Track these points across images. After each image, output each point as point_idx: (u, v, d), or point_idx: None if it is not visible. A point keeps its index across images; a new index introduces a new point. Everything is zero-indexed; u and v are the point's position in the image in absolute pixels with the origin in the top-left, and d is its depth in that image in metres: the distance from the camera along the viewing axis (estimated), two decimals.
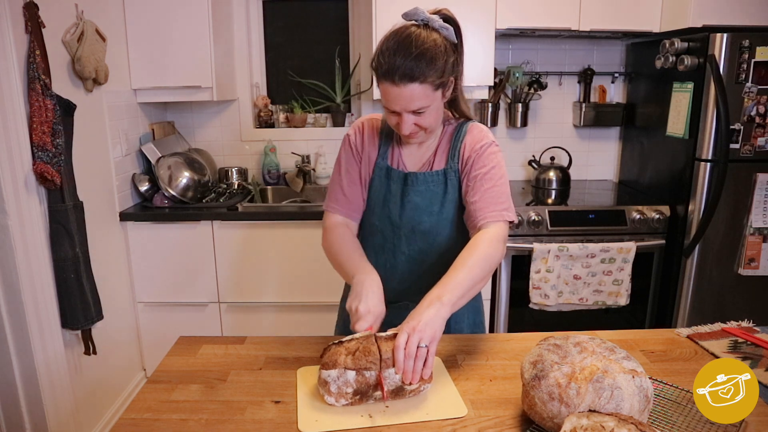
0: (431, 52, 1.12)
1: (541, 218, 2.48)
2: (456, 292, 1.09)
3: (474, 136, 1.31)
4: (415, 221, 1.31)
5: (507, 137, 3.12)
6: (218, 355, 1.22)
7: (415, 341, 0.99)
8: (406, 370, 0.98)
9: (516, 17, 2.57)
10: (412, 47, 1.11)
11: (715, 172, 2.33)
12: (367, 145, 1.36)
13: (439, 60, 1.13)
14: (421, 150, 1.34)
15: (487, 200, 1.24)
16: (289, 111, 3.12)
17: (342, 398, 1.01)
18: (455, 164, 1.30)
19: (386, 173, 1.33)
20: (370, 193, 1.35)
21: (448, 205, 1.31)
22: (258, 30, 3.07)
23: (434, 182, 1.30)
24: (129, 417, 1.00)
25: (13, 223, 1.78)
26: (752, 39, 2.22)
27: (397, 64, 1.11)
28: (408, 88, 1.12)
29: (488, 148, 1.28)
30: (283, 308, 2.64)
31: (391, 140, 1.35)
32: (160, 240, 2.53)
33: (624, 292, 2.49)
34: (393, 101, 1.16)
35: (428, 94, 1.15)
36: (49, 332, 1.94)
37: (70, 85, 2.11)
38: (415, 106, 1.16)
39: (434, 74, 1.13)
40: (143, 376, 2.69)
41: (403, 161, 1.34)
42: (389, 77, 1.13)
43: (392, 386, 1.02)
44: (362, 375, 1.00)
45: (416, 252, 1.34)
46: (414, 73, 1.11)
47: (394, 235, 1.34)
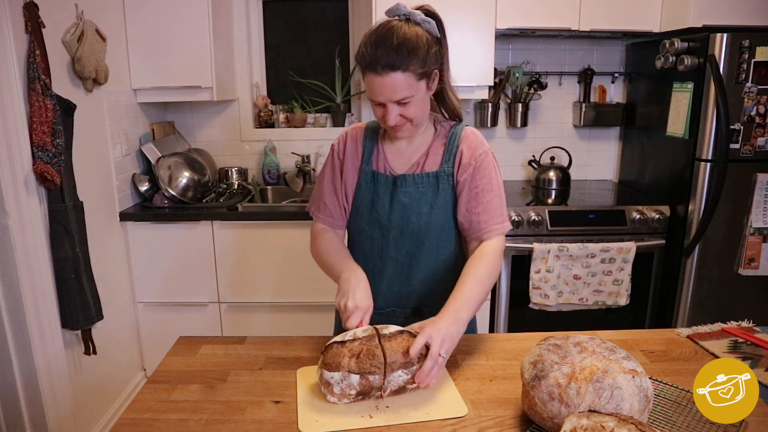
0: (412, 42, 1.15)
1: (541, 218, 2.48)
2: (471, 309, 1.17)
3: (472, 142, 1.30)
4: (403, 222, 1.30)
5: (507, 137, 3.12)
6: (218, 355, 1.22)
7: (441, 351, 1.05)
8: (431, 376, 1.03)
9: (516, 17, 2.56)
10: (393, 38, 1.15)
11: (715, 172, 2.33)
12: (350, 152, 1.36)
13: (420, 50, 1.16)
14: (408, 150, 1.33)
15: (490, 212, 1.28)
16: (289, 111, 3.12)
17: (345, 398, 1.01)
18: (450, 168, 1.29)
19: (372, 178, 1.33)
20: (358, 198, 1.35)
21: (438, 208, 1.30)
22: (258, 30, 3.07)
23: (424, 183, 1.30)
24: (129, 417, 1.00)
25: (13, 223, 1.78)
26: (752, 39, 2.22)
27: (378, 54, 1.14)
28: (390, 77, 1.14)
29: (487, 157, 1.30)
30: (283, 308, 2.63)
31: (375, 144, 1.35)
32: (160, 240, 2.53)
33: (624, 292, 2.49)
34: (377, 92, 1.17)
35: (411, 83, 1.16)
36: (49, 332, 1.94)
37: (70, 85, 2.11)
38: (398, 96, 1.17)
39: (416, 63, 1.15)
40: (143, 376, 2.69)
41: (390, 165, 1.33)
42: (372, 68, 1.15)
43: (395, 387, 1.03)
44: (366, 379, 1.00)
45: (403, 255, 1.33)
46: (395, 63, 1.14)
47: (383, 237, 1.33)
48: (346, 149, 1.37)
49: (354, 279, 1.20)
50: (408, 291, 1.36)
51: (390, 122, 1.21)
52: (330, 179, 1.38)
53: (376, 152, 1.35)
